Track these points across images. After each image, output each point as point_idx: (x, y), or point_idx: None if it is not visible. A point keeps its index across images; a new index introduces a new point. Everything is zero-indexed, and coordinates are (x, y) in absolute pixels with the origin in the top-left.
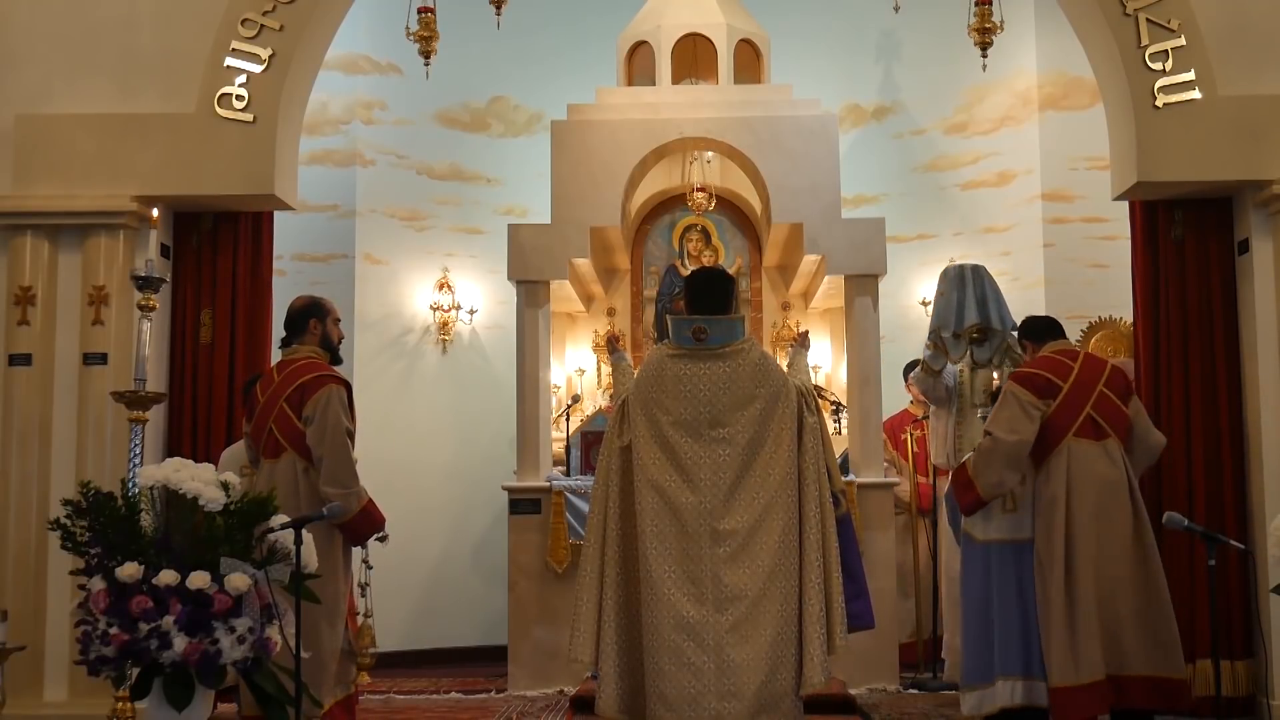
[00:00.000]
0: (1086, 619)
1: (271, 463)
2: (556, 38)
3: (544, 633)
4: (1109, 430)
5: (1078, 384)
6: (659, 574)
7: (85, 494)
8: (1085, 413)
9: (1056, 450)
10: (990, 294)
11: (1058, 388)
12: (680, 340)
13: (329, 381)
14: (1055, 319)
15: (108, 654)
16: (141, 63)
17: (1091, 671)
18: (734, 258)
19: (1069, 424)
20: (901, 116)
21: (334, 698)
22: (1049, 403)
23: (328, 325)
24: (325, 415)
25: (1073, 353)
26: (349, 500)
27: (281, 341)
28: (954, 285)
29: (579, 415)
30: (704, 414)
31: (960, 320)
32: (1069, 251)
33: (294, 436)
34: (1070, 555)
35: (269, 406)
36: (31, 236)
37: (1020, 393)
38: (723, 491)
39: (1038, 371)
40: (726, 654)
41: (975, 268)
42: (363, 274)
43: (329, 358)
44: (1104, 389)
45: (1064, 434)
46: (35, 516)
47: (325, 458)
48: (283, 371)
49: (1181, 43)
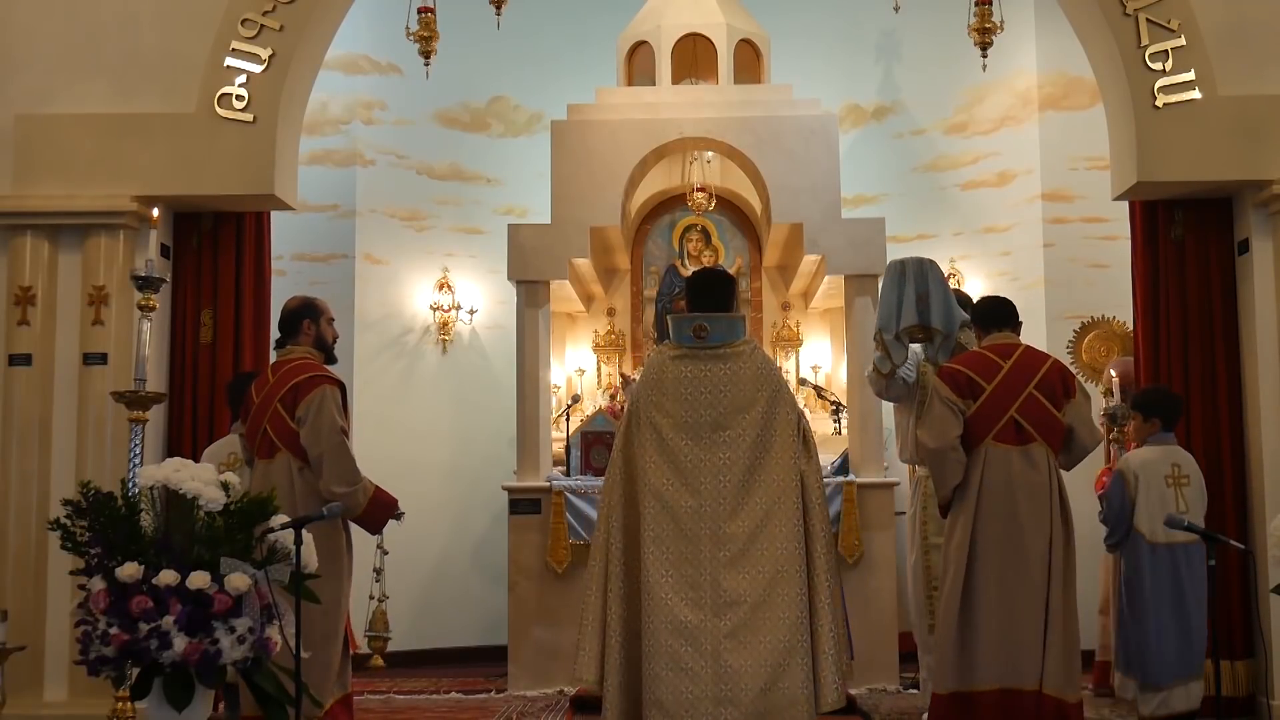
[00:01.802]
0: (984, 628)
1: (266, 463)
2: (556, 38)
3: (544, 633)
4: (1034, 435)
5: (1004, 385)
6: (656, 579)
7: (85, 494)
8: (1008, 416)
9: (974, 453)
10: (934, 291)
11: (980, 388)
12: (681, 339)
13: (322, 382)
14: (1011, 306)
15: (108, 654)
16: (141, 63)
17: (974, 681)
18: (734, 258)
19: (988, 428)
20: (901, 116)
21: (334, 697)
22: (969, 403)
23: (321, 325)
24: (320, 415)
25: (1009, 349)
26: (355, 496)
27: (276, 343)
28: (894, 283)
29: (579, 415)
30: (705, 416)
31: (898, 321)
32: (1069, 251)
33: (288, 437)
34: (973, 561)
35: (263, 407)
36: (31, 236)
37: (941, 389)
38: (724, 495)
39: (961, 369)
40: (724, 660)
41: (919, 262)
42: (363, 274)
43: (323, 358)
44: (1034, 391)
45: (982, 438)
46: (35, 516)
47: (325, 457)
48: (277, 372)
49: (1181, 43)
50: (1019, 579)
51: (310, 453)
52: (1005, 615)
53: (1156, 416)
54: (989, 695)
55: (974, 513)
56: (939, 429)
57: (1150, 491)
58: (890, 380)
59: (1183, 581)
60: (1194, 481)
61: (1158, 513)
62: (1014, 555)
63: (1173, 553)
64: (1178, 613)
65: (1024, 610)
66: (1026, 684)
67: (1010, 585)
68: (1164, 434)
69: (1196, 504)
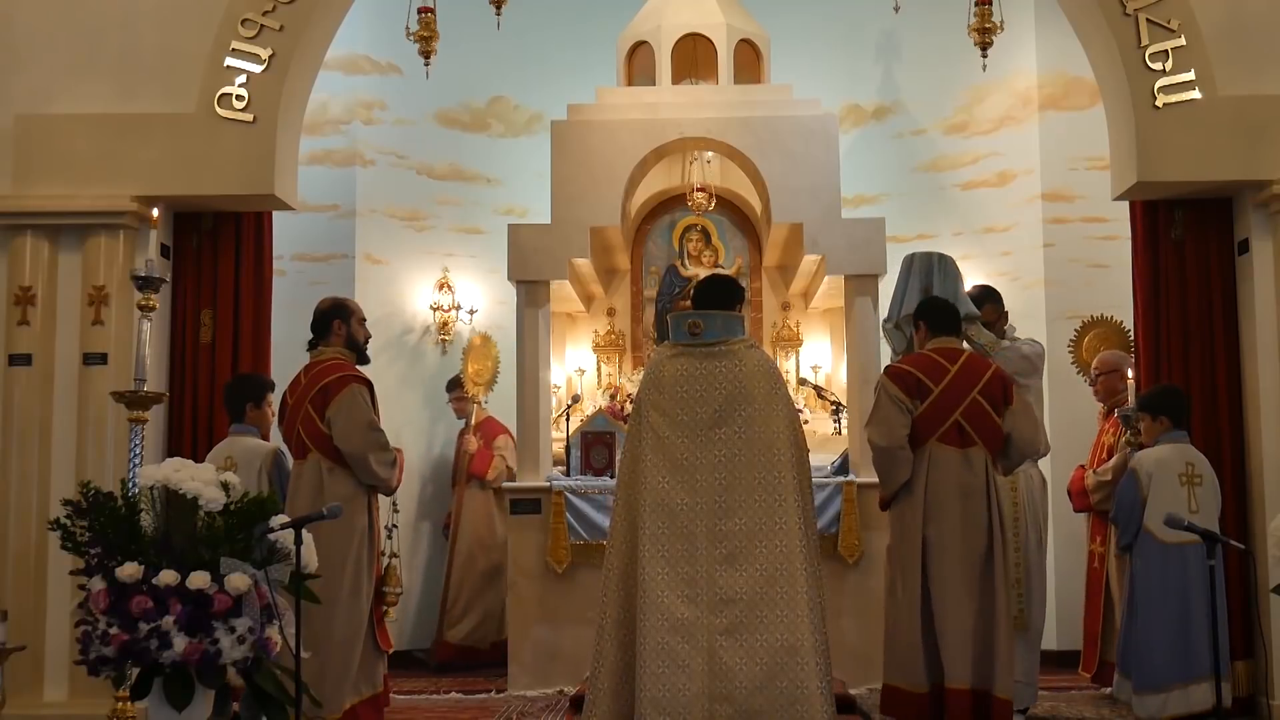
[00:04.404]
0: (947, 628)
1: (300, 463)
2: (556, 38)
3: (544, 633)
4: (975, 438)
5: (950, 388)
6: (652, 576)
7: (85, 494)
8: (953, 419)
9: (919, 453)
10: (937, 284)
11: (929, 390)
12: (678, 336)
13: (350, 381)
14: (956, 312)
15: (108, 654)
16: (141, 63)
17: (921, 679)
18: (734, 258)
19: (934, 429)
20: (901, 116)
21: (359, 695)
22: (917, 403)
23: (352, 326)
24: (352, 414)
25: (954, 354)
26: (394, 478)
27: (308, 344)
28: (902, 275)
29: (579, 415)
30: (702, 414)
31: (899, 310)
32: (1069, 251)
33: (318, 438)
34: (926, 558)
35: (296, 408)
36: (31, 236)
37: (891, 388)
38: (722, 492)
39: (910, 370)
40: (719, 657)
41: (928, 256)
42: (363, 274)
43: (355, 358)
44: (978, 396)
45: (927, 438)
46: (35, 516)
47: (367, 454)
48: (309, 373)
49: (1181, 43)
50: (966, 577)
51: (345, 450)
52: (961, 614)
53: (1164, 415)
54: (958, 695)
55: (923, 510)
56: (888, 427)
57: (1163, 490)
58: None
59: (1190, 583)
60: (1207, 481)
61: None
62: (962, 553)
63: (1183, 553)
64: (1181, 615)
65: (973, 609)
66: (968, 683)
67: (958, 583)
68: (1176, 432)
69: (1209, 504)
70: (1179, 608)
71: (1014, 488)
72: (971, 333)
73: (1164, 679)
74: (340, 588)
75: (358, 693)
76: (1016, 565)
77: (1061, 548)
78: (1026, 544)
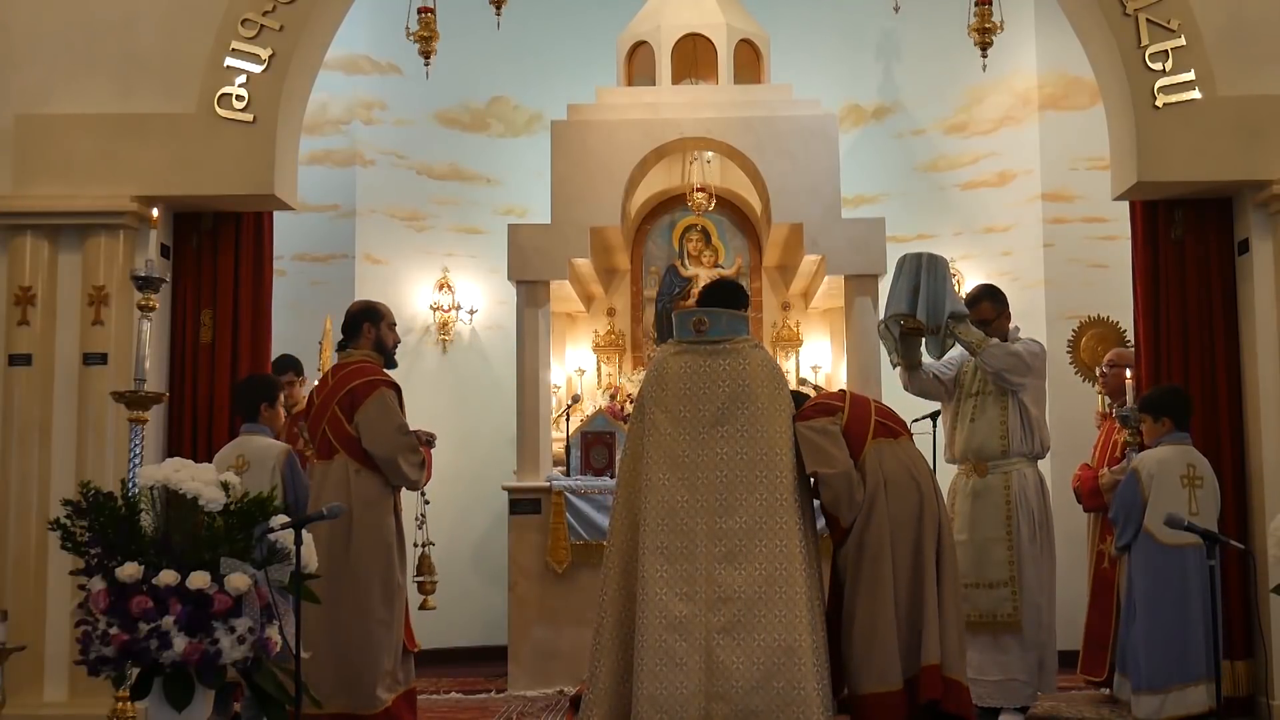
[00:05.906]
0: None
1: (325, 464)
2: (556, 38)
3: (544, 633)
4: (899, 430)
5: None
6: (651, 573)
7: (85, 494)
8: (872, 417)
9: (863, 454)
10: (924, 284)
11: (837, 405)
12: (682, 334)
13: (378, 385)
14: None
15: (108, 654)
16: (141, 63)
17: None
18: (734, 258)
19: (865, 429)
20: (901, 116)
21: (393, 693)
22: (840, 417)
23: (381, 329)
24: (382, 418)
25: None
26: (421, 478)
27: (338, 345)
28: (895, 274)
29: (579, 415)
30: (704, 411)
31: (888, 309)
32: (1069, 251)
33: (345, 439)
34: (895, 551)
35: (322, 409)
36: (31, 236)
37: (816, 422)
38: (723, 490)
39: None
40: (717, 655)
41: (918, 256)
42: (363, 274)
43: (383, 361)
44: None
45: (864, 440)
46: (35, 516)
47: (399, 458)
48: (336, 375)
49: (1181, 43)
50: (918, 564)
51: (376, 454)
52: (915, 604)
53: (1167, 416)
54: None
55: (885, 500)
56: (833, 452)
57: (1163, 491)
58: (911, 374)
59: (1189, 585)
60: (1207, 484)
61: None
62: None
63: (1182, 555)
64: (1180, 616)
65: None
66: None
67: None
68: (1179, 433)
69: (1209, 506)
70: (1177, 609)
71: (1007, 486)
72: (959, 331)
73: (1162, 680)
74: (373, 588)
75: (393, 689)
76: (1010, 564)
77: (1061, 548)
78: (1018, 543)
